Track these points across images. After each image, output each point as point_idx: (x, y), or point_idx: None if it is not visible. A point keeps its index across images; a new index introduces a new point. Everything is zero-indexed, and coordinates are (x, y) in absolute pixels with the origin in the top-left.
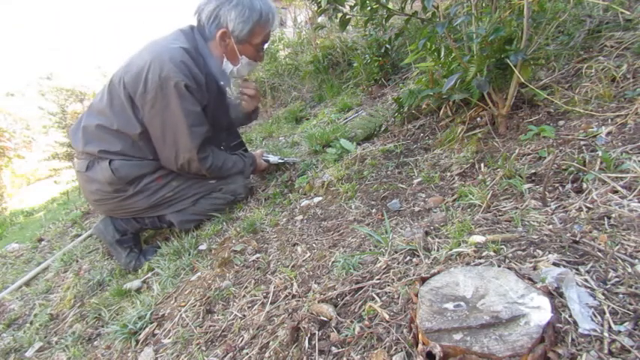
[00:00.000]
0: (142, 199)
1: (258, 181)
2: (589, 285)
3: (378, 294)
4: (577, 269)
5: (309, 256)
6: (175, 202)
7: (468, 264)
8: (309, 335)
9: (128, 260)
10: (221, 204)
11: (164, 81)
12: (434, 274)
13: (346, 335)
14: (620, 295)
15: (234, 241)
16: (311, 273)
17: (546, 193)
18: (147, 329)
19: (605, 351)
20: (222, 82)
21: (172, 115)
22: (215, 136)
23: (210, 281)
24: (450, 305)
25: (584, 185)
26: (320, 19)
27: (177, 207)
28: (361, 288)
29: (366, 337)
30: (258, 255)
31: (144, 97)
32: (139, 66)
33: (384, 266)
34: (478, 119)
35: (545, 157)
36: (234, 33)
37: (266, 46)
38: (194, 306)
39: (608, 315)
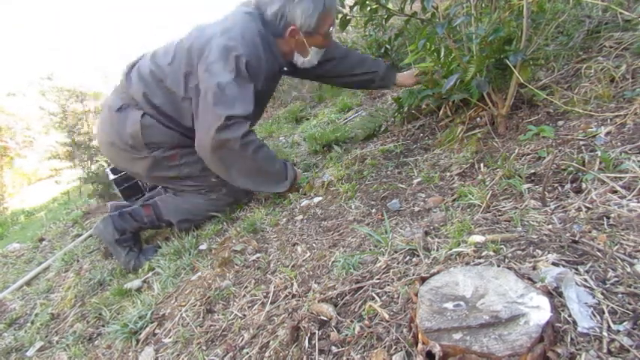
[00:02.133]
0: (147, 168)
1: None
2: (588, 285)
3: (378, 294)
4: (576, 269)
5: (309, 256)
6: (172, 184)
7: (467, 264)
8: (309, 335)
9: (127, 260)
10: (222, 205)
11: (228, 50)
12: (434, 274)
13: (346, 335)
14: (619, 295)
15: (234, 241)
16: (311, 273)
17: (546, 193)
18: (147, 329)
19: (605, 350)
20: (285, 69)
21: (227, 82)
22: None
23: (210, 281)
24: (449, 305)
25: (584, 185)
26: None
27: (174, 194)
28: (361, 288)
29: (366, 336)
30: (258, 255)
31: (205, 60)
32: (211, 33)
33: (383, 266)
34: (478, 119)
35: (544, 157)
36: (302, 29)
37: (332, 29)
38: (194, 305)
39: (607, 314)
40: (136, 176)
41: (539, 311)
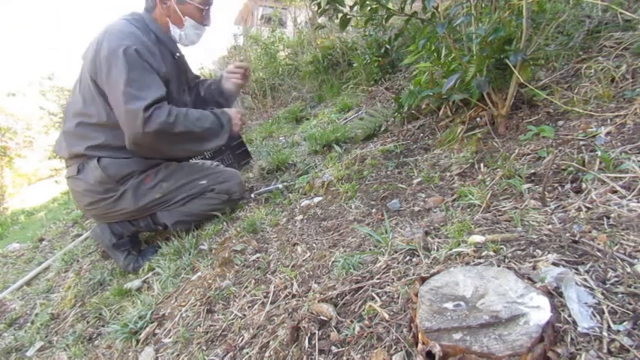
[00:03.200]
0: (131, 201)
1: (259, 181)
2: (588, 285)
3: (378, 294)
4: (576, 269)
5: (309, 256)
6: (165, 204)
7: (467, 264)
8: (309, 335)
9: (126, 263)
10: (217, 204)
11: (114, 50)
12: (434, 274)
13: (346, 335)
14: (619, 295)
15: (234, 241)
16: (311, 273)
17: (546, 193)
18: (147, 329)
19: (605, 350)
20: (177, 54)
21: (127, 79)
22: None
23: (210, 281)
24: (449, 305)
25: (584, 185)
26: (320, 20)
27: (168, 208)
28: (361, 288)
29: (366, 336)
30: (258, 255)
31: (103, 75)
32: (93, 52)
33: (383, 266)
34: (478, 119)
35: (544, 157)
36: None
37: (208, 8)
38: (194, 305)
39: (607, 314)
40: (132, 216)
41: (539, 311)
